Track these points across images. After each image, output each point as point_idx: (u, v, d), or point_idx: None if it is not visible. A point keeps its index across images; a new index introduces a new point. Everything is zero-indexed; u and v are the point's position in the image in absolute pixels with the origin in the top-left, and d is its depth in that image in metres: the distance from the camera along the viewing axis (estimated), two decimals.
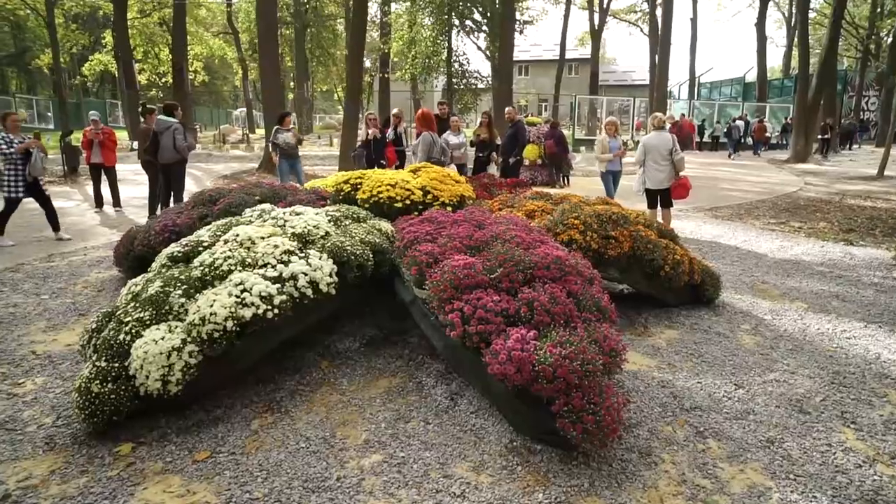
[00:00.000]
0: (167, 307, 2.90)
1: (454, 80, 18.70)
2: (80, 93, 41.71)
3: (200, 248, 3.34)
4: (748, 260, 6.32)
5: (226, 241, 3.31)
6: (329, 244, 3.35)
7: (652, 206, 7.22)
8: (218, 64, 45.16)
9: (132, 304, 2.96)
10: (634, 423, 2.90)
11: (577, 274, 3.12)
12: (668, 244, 4.39)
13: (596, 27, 27.92)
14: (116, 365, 2.74)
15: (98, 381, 2.67)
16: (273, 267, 3.12)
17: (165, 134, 7.13)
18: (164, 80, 32.76)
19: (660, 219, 7.25)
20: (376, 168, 9.30)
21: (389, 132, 9.48)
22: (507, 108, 8.97)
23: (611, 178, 8.25)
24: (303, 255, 3.25)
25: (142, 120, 8.50)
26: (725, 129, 23.53)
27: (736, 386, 3.31)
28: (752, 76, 34.35)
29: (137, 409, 2.75)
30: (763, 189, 12.71)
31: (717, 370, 3.51)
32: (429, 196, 4.37)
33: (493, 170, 9.26)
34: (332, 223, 3.79)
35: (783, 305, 4.75)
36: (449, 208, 4.36)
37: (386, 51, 23.65)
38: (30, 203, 6.87)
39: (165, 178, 7.36)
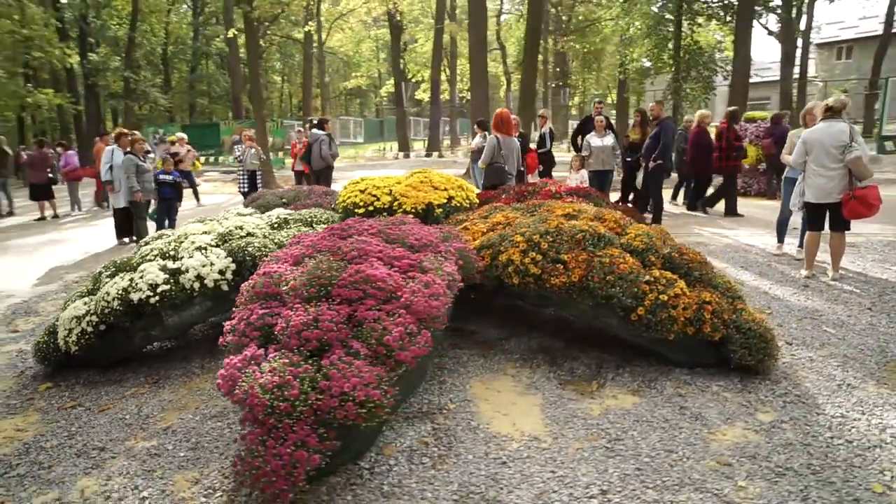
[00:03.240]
0: (98, 284, 3.64)
1: (681, 74, 15.93)
2: (382, 111, 51.21)
3: (159, 240, 4.02)
4: None
5: (170, 235, 3.90)
6: (234, 244, 3.61)
7: (815, 226, 5.11)
8: (490, 78, 49.37)
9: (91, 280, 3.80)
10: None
11: (390, 300, 2.63)
12: (660, 277, 3.16)
13: None
14: (57, 322, 3.59)
15: (43, 333, 3.56)
16: (180, 259, 3.56)
17: (315, 145, 8.46)
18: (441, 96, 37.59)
19: (827, 247, 5.10)
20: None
21: (536, 135, 9.07)
22: (651, 104, 7.48)
23: (792, 188, 6.02)
24: (207, 252, 3.59)
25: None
26: None
27: (600, 494, 2.26)
28: None
29: (61, 361, 3.55)
30: None
31: (607, 465, 2.44)
32: (395, 203, 4.17)
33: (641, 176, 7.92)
34: (275, 226, 4.03)
35: None
36: (410, 216, 4.08)
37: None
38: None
39: (318, 181, 8.72)
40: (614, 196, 10.06)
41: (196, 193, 8.21)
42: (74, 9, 23.48)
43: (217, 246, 3.70)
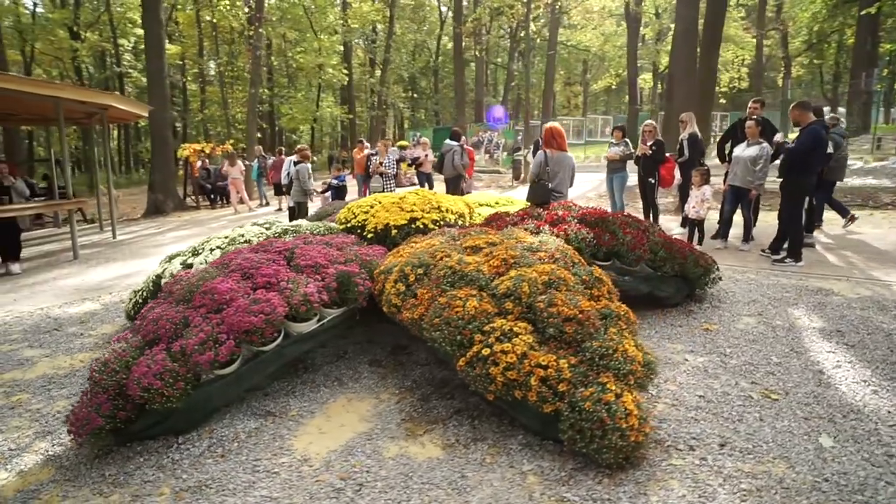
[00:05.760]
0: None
1: None
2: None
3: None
4: None
5: (209, 237, 5.09)
6: (228, 248, 4.56)
7: None
8: (754, 64, 41.72)
9: None
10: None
11: (220, 310, 3.12)
12: (499, 328, 2.82)
13: None
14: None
15: (127, 297, 5.14)
16: (197, 256, 4.69)
17: (448, 155, 9.08)
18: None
19: None
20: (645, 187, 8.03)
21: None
22: (792, 105, 5.59)
23: None
24: (212, 253, 4.62)
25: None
26: None
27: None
28: None
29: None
30: None
31: (319, 502, 2.48)
32: (367, 222, 4.50)
33: None
34: (277, 235, 4.84)
35: None
36: (370, 235, 4.38)
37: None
38: None
39: (447, 188, 9.33)
40: (767, 216, 8.02)
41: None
42: (353, 34, 29.06)
43: (222, 248, 4.71)
